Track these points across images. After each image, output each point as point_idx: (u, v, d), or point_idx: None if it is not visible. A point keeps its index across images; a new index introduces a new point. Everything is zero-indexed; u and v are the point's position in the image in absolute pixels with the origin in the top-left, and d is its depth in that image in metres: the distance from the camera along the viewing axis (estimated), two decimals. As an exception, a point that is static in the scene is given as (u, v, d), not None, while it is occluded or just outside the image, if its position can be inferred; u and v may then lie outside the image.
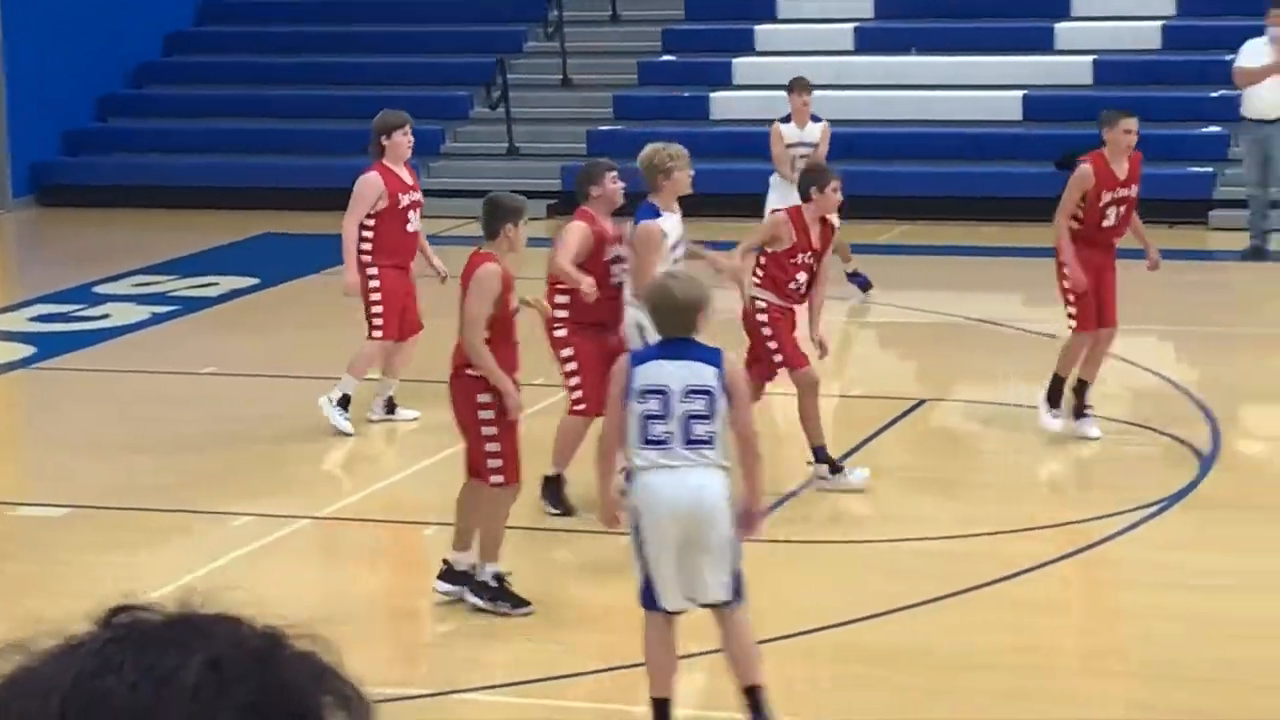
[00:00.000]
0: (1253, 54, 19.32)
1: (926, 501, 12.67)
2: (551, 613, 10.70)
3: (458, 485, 12.89)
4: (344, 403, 13.86)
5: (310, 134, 24.00)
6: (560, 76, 24.09)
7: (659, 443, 8.60)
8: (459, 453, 13.09)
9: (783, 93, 22.90)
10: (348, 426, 13.85)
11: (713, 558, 8.58)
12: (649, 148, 12.24)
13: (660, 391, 8.61)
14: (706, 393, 8.60)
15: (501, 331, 10.53)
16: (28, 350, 16.88)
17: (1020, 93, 22.48)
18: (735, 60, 23.67)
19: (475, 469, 10.67)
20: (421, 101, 24.31)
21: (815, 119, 17.90)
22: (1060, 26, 23.22)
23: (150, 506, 12.75)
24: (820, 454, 12.46)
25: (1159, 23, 22.88)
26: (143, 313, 18.21)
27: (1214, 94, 21.03)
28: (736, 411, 8.66)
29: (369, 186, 14.52)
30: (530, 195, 15.55)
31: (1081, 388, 13.40)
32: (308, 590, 11.80)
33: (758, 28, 24.04)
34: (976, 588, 10.81)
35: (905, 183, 21.71)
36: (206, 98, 24.90)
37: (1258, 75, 19.18)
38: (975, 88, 22.58)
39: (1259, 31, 20.00)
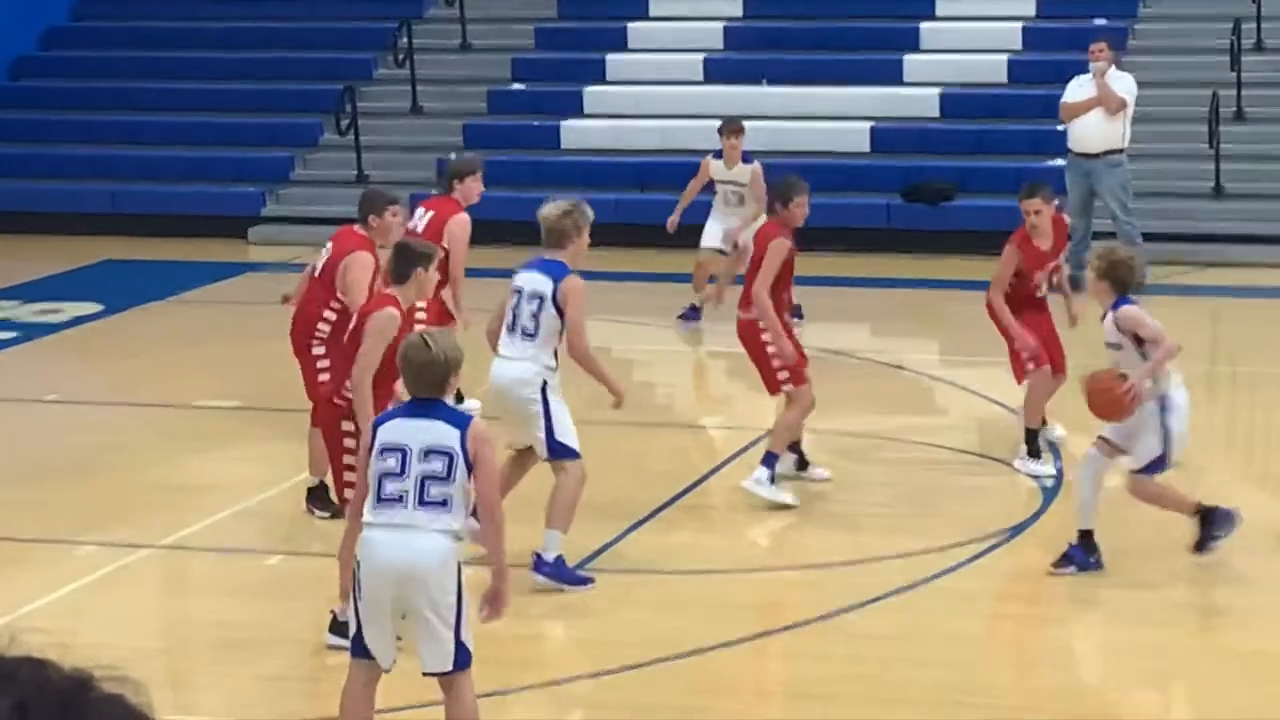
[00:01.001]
0: (1077, 89, 19.59)
1: (774, 531, 12.73)
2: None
3: (300, 516, 12.88)
4: None
5: (155, 160, 23.83)
6: (410, 104, 24.07)
7: (393, 500, 8.46)
8: (304, 483, 13.07)
9: (632, 121, 23.07)
10: None
11: (430, 627, 8.42)
12: (562, 204, 11.79)
13: (399, 449, 8.46)
14: (447, 454, 8.42)
15: (391, 370, 10.48)
16: None
17: (868, 124, 22.66)
18: (586, 89, 23.73)
19: (337, 493, 10.76)
20: (271, 128, 24.25)
21: (747, 159, 18.13)
22: (909, 59, 23.43)
23: (-12, 536, 12.63)
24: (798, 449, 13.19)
25: (1005, 56, 23.15)
26: (-19, 341, 18.05)
27: (1059, 128, 21.26)
28: (479, 480, 8.47)
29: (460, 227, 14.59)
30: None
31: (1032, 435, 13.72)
32: (150, 620, 11.72)
33: (609, 57, 24.11)
34: (820, 618, 10.89)
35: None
36: (51, 122, 24.69)
37: (1080, 109, 19.44)
38: (824, 119, 22.74)
39: (1089, 66, 20.29)
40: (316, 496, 12.60)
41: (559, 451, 11.34)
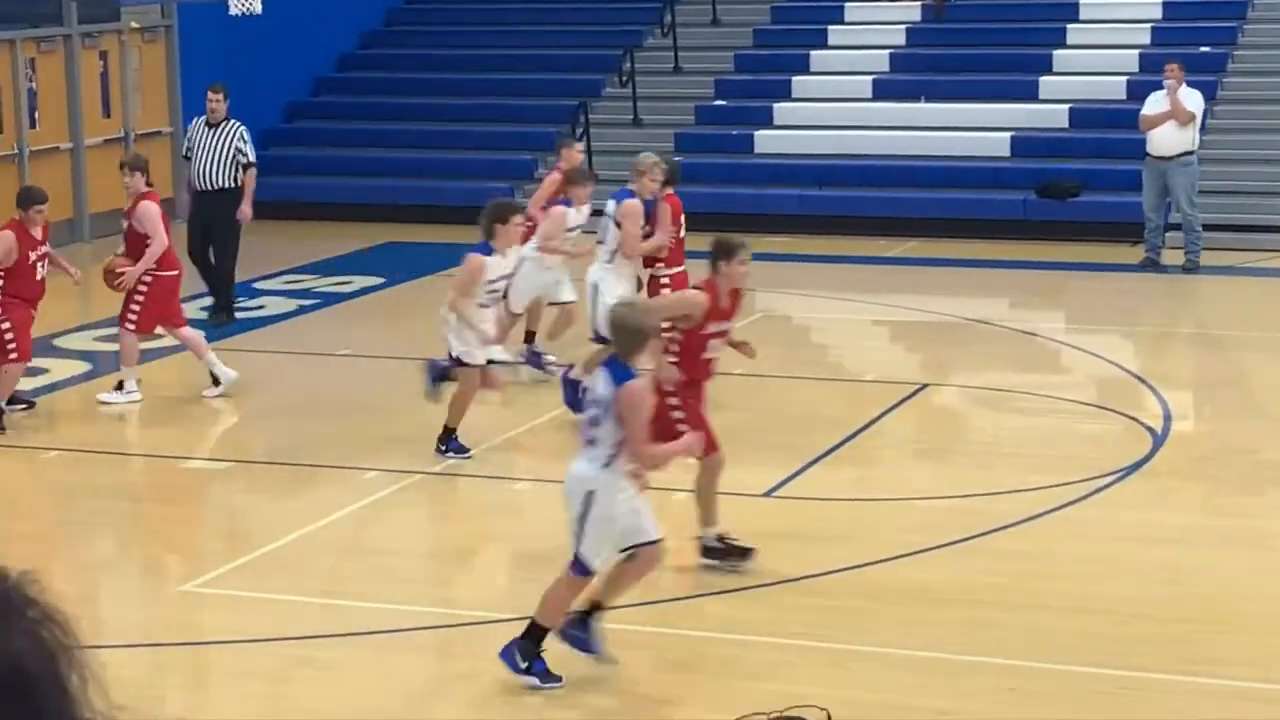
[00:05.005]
0: (1154, 104, 19.41)
1: (927, 468, 12.64)
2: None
3: (544, 451, 12.93)
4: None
5: (426, 161, 24.08)
6: (632, 117, 24.10)
7: None
8: (545, 423, 13.14)
9: (813, 131, 22.93)
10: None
11: None
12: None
13: None
14: None
15: (687, 346, 10.18)
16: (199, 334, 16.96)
17: (1008, 134, 22.39)
18: (776, 105, 23.64)
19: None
20: (519, 136, 24.41)
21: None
22: (1043, 80, 23.13)
23: (296, 462, 12.82)
24: None
25: (1124, 78, 22.78)
26: (291, 305, 18.30)
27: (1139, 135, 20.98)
28: None
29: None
30: (603, 215, 15.62)
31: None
32: (424, 532, 11.86)
33: (794, 78, 24.00)
34: (966, 539, 10.80)
35: (913, 206, 21.68)
36: (345, 131, 25.00)
37: (1157, 120, 19.26)
38: (971, 129, 22.50)
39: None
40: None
41: None
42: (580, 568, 8.67)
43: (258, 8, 20.11)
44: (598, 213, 14.50)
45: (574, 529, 8.66)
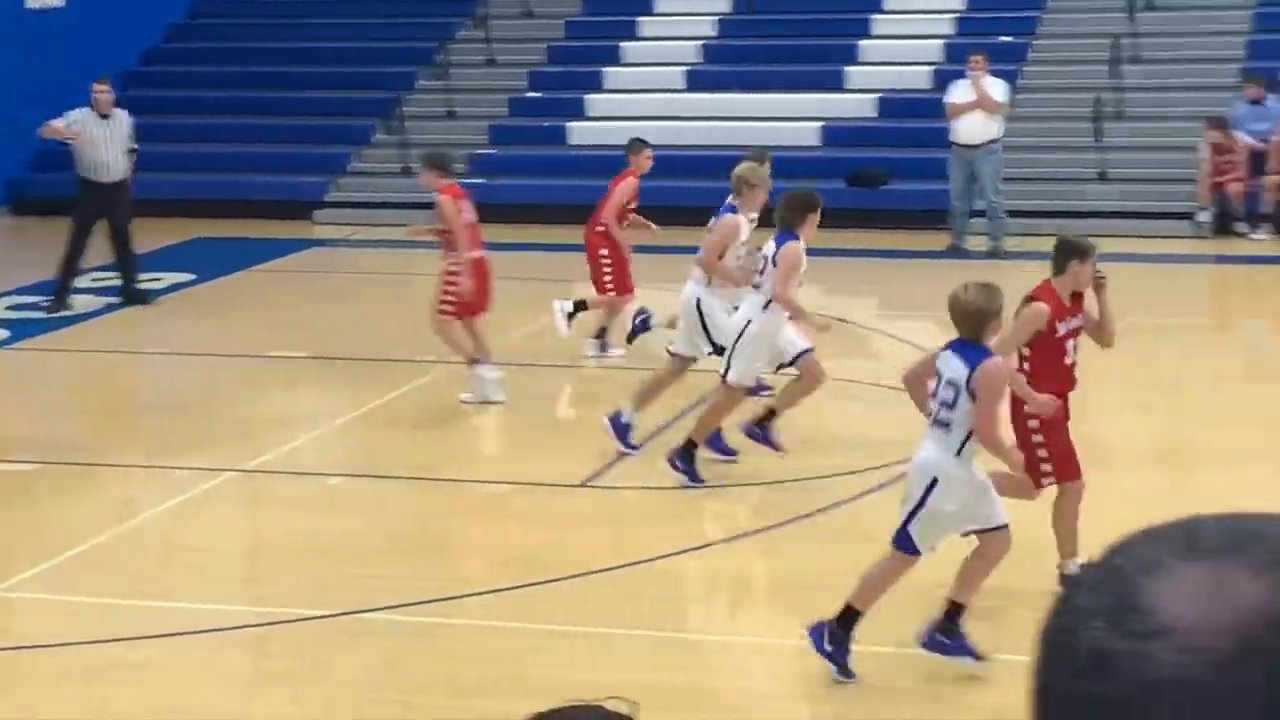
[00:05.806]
0: (958, 92, 19.75)
1: (752, 454, 12.63)
2: (449, 553, 10.60)
3: (358, 445, 12.80)
4: None
5: (239, 155, 23.75)
6: (446, 110, 23.97)
7: None
8: (358, 417, 12.99)
9: (626, 122, 22.91)
10: None
11: None
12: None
13: None
14: None
15: (1047, 354, 9.48)
16: (3, 334, 16.62)
17: (819, 123, 22.60)
18: (588, 97, 23.64)
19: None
20: (332, 129, 24.17)
21: None
22: (850, 70, 23.37)
23: (105, 462, 12.59)
24: None
25: (930, 67, 23.09)
26: (99, 303, 17.95)
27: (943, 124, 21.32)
28: None
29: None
30: (419, 207, 15.53)
31: None
32: (236, 530, 11.68)
33: (606, 70, 24.03)
34: (790, 521, 10.83)
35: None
36: (153, 125, 24.53)
37: (964, 109, 19.61)
38: (781, 119, 22.67)
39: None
40: None
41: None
42: (906, 544, 8.37)
43: (58, 1, 19.70)
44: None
45: (908, 508, 8.36)
